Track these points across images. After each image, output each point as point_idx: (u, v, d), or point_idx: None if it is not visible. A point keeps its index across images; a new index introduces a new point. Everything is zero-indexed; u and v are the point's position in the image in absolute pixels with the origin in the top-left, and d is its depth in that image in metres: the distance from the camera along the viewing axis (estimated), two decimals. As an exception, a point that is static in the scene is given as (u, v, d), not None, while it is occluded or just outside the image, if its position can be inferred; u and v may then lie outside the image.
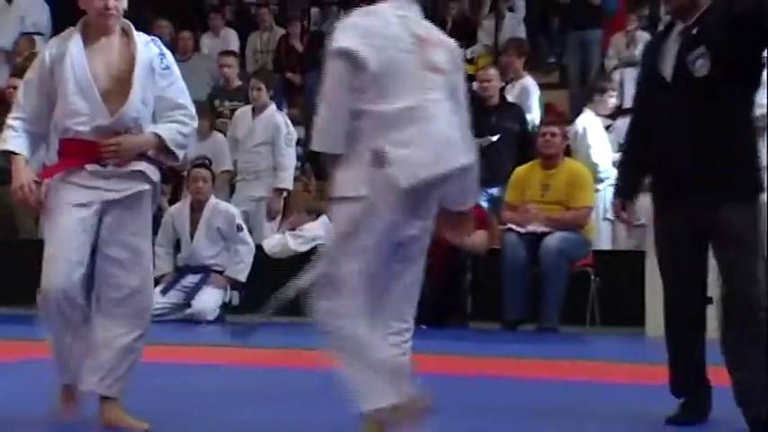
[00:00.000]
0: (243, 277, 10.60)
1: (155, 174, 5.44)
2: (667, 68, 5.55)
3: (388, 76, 4.50)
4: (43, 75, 5.31)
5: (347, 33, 4.51)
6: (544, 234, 9.84)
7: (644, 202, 5.92)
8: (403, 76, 4.52)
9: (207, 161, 11.06)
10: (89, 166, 5.25)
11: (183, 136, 5.47)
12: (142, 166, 5.36)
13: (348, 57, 4.47)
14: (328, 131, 4.52)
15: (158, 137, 5.36)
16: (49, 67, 5.30)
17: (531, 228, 9.90)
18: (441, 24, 15.69)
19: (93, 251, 5.32)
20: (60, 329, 5.28)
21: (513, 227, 9.98)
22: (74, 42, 5.30)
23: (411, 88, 4.54)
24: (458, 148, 4.64)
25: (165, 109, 5.42)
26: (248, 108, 11.45)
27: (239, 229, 10.53)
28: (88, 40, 5.32)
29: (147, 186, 5.39)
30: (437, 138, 4.54)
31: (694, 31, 5.51)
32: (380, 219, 4.46)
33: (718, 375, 5.52)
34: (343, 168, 4.51)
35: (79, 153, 5.26)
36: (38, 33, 14.99)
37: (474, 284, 10.17)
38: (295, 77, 15.07)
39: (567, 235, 9.85)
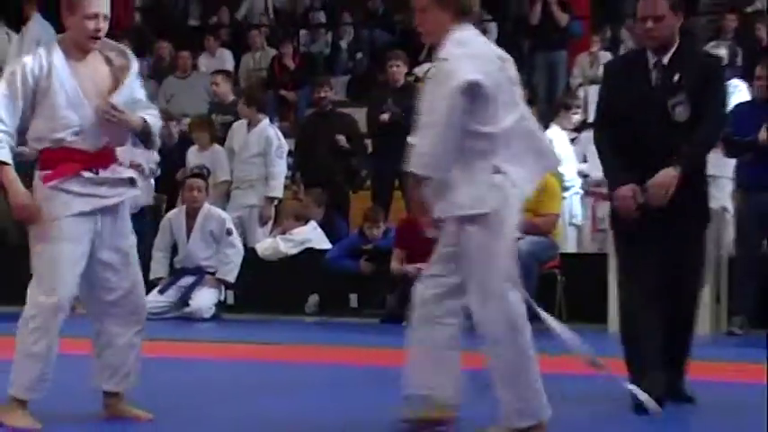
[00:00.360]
0: (232, 278, 10.61)
1: (139, 179, 5.37)
2: (650, 100, 5.66)
3: (495, 97, 4.54)
4: (26, 90, 5.13)
5: (465, 65, 4.49)
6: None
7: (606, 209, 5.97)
8: (504, 96, 4.59)
9: (204, 170, 11.08)
10: (84, 173, 5.16)
11: (159, 128, 5.43)
12: (129, 173, 5.30)
13: (472, 88, 4.48)
14: (439, 157, 4.49)
15: (145, 121, 5.31)
16: (32, 84, 5.13)
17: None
18: (418, 47, 15.80)
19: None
20: (54, 340, 5.15)
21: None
22: (57, 59, 5.18)
23: (510, 105, 4.60)
24: (551, 153, 4.77)
25: (142, 108, 5.36)
26: (244, 122, 11.49)
27: (229, 233, 10.56)
28: (70, 56, 5.21)
29: (136, 191, 5.35)
30: (537, 149, 4.66)
31: (675, 78, 5.61)
32: (510, 229, 4.59)
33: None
34: (459, 187, 4.53)
35: (73, 160, 5.15)
36: None
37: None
38: (288, 94, 15.09)
39: (536, 239, 9.86)
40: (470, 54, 4.54)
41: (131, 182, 5.31)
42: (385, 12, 16.99)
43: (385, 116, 11.35)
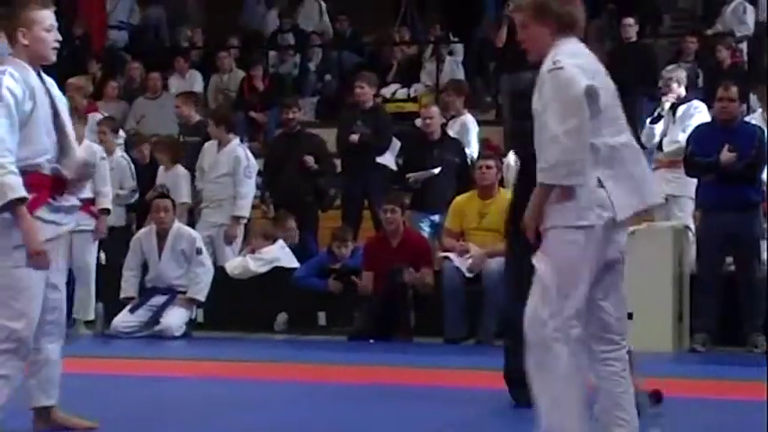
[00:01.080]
0: (202, 297, 10.55)
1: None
2: None
3: (603, 110, 4.49)
4: (16, 112, 5.03)
5: (580, 74, 4.44)
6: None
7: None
8: (609, 112, 4.53)
9: (165, 190, 11.06)
10: (51, 200, 5.14)
11: None
12: (74, 200, 5.32)
13: (591, 94, 4.43)
14: (582, 163, 4.40)
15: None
16: (20, 104, 5.04)
17: (467, 263, 9.90)
18: (387, 66, 15.85)
19: None
20: (22, 363, 5.12)
21: (452, 257, 10.01)
22: (33, 79, 5.12)
23: (614, 123, 4.54)
24: (653, 186, 4.71)
25: None
26: (215, 142, 11.48)
27: (198, 252, 10.51)
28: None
29: (85, 220, 5.36)
30: (641, 178, 4.56)
31: None
32: (597, 246, 4.44)
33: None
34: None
35: (44, 186, 5.12)
36: None
37: (416, 301, 10.20)
38: (257, 115, 15.08)
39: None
40: (581, 65, 4.50)
41: (76, 208, 5.36)
42: (353, 33, 17.05)
43: (354, 137, 11.38)
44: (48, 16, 5.18)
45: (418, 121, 12.48)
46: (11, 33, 5.17)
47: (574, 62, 4.48)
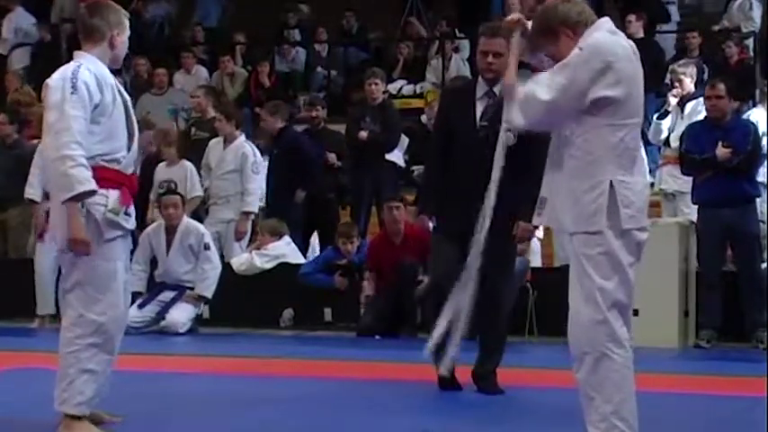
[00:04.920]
0: (209, 294, 10.56)
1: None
2: (478, 122, 6.40)
3: (631, 96, 4.61)
4: (87, 108, 5.06)
5: (610, 49, 4.55)
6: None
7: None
8: (638, 96, 4.66)
9: (173, 185, 11.05)
10: None
11: None
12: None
13: (611, 69, 4.54)
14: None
15: None
16: (95, 99, 5.09)
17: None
18: (393, 63, 15.84)
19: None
20: (112, 357, 5.25)
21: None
22: (110, 76, 5.21)
23: (641, 106, 4.69)
24: None
25: None
26: (220, 139, 11.50)
27: (206, 248, 10.52)
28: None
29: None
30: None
31: None
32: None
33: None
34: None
35: (125, 182, 5.23)
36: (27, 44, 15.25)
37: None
38: (263, 112, 15.06)
39: (520, 258, 9.90)
40: (619, 44, 4.71)
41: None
42: (359, 30, 17.05)
43: (363, 134, 11.39)
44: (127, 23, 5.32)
45: (424, 118, 12.49)
46: (105, 33, 5.22)
47: (615, 48, 4.60)
